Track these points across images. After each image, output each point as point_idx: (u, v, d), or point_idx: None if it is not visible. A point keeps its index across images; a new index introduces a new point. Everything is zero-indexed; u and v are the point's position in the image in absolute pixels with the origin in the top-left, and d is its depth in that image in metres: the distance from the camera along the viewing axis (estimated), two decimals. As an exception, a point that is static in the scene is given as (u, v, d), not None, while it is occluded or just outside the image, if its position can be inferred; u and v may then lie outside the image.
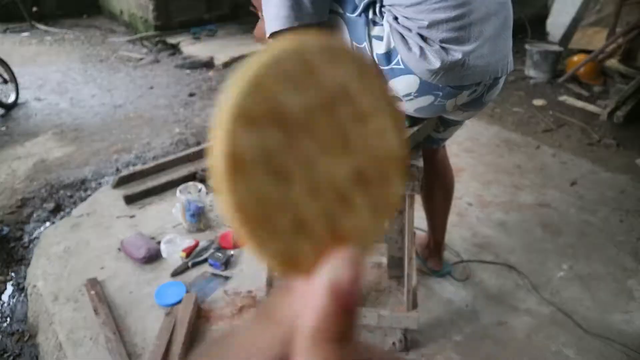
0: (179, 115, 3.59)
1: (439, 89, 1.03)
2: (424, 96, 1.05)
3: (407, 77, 1.01)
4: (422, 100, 1.06)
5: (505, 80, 1.17)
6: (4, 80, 3.79)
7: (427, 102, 1.06)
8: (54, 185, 2.60)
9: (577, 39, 4.64)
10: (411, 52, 0.98)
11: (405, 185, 1.18)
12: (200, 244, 1.93)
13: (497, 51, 1.05)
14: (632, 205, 2.28)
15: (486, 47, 1.02)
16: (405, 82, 1.02)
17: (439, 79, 1.00)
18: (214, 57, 4.95)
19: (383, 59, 1.02)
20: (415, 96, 1.05)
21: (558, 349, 1.50)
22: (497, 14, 1.04)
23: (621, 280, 1.80)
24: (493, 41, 1.03)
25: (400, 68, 1.01)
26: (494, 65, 1.05)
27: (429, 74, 0.99)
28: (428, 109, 1.09)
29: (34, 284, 1.80)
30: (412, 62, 0.99)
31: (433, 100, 1.05)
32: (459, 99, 1.08)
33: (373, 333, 1.53)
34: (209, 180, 0.21)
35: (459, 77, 1.02)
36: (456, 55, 0.98)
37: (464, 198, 2.31)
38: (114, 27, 6.84)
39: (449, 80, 1.01)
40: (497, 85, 1.14)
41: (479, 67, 1.02)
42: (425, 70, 0.99)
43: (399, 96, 1.06)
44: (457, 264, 1.86)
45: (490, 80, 1.08)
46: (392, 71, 1.02)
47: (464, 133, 3.07)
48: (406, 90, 1.04)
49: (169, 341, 1.44)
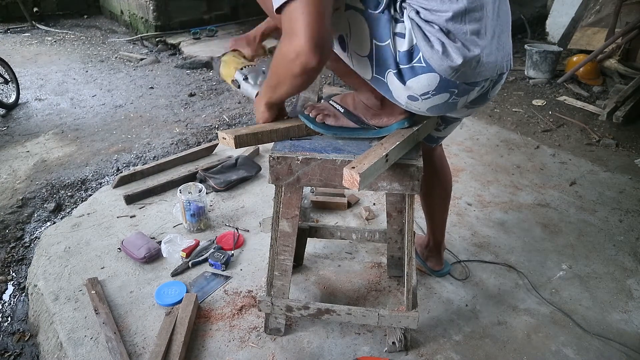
0: (179, 115, 3.60)
1: (456, 86, 1.03)
2: (441, 94, 1.04)
3: (428, 75, 1.00)
4: (438, 98, 1.05)
5: (505, 79, 1.19)
6: (5, 81, 3.80)
7: (442, 99, 1.06)
8: (55, 185, 2.60)
9: (576, 39, 4.64)
10: (433, 49, 0.97)
11: (405, 185, 1.18)
12: (200, 244, 1.94)
13: (502, 47, 1.07)
14: (632, 205, 2.29)
15: (494, 43, 1.04)
16: (426, 80, 1.01)
17: (458, 75, 1.00)
18: (214, 57, 4.95)
19: (405, 57, 1.00)
20: (433, 94, 1.04)
21: (557, 349, 1.50)
22: (502, 12, 1.06)
23: (620, 279, 1.81)
24: (499, 37, 1.05)
25: (422, 66, 1.00)
26: (500, 61, 1.07)
27: (450, 71, 0.99)
28: (441, 107, 1.09)
29: (34, 284, 1.81)
30: (435, 58, 0.98)
31: (448, 97, 1.05)
32: (470, 96, 1.09)
33: (373, 332, 1.54)
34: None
35: (475, 74, 1.02)
36: (475, 51, 0.98)
37: (463, 198, 2.32)
38: (114, 27, 6.85)
39: (466, 77, 1.02)
40: (500, 81, 1.15)
41: (490, 63, 1.03)
42: (447, 67, 0.98)
43: (416, 95, 1.05)
44: (456, 264, 1.86)
45: (496, 76, 1.10)
46: (412, 69, 1.01)
47: (464, 133, 3.07)
48: (425, 89, 1.03)
49: (169, 341, 1.44)
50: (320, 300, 1.68)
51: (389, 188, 1.19)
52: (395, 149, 1.10)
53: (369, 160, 1.02)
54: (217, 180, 2.38)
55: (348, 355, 1.46)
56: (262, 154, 2.76)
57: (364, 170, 0.98)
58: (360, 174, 0.97)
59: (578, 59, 4.09)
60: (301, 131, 1.25)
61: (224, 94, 4.07)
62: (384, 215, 2.13)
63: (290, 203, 1.30)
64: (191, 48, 5.35)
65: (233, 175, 2.42)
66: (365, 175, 0.98)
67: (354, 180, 0.98)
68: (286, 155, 1.18)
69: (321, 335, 1.53)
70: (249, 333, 1.54)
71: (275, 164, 1.19)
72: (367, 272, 1.82)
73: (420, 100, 1.06)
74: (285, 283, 1.43)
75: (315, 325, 1.57)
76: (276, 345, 1.50)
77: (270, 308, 1.45)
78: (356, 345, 1.50)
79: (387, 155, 1.07)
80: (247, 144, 1.16)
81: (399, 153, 1.14)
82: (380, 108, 1.21)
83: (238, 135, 1.13)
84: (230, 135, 1.13)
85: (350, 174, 0.98)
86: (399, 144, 1.11)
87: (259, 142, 1.18)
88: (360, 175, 0.97)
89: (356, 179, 0.97)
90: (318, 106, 1.27)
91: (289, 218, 1.32)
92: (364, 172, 0.98)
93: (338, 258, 1.90)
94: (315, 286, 1.75)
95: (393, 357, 1.45)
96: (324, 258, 1.90)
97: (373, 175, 1.03)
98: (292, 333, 1.54)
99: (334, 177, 1.19)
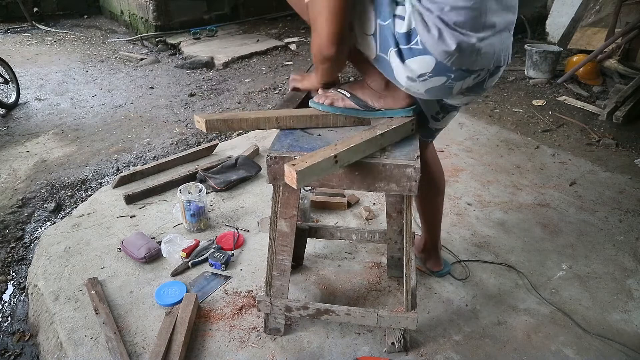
0: (179, 115, 3.60)
1: (452, 71, 1.09)
2: (437, 77, 1.11)
3: (424, 57, 1.08)
4: (435, 80, 1.12)
5: (504, 77, 1.22)
6: (5, 81, 3.80)
7: (439, 82, 1.13)
8: (55, 185, 2.61)
9: (576, 39, 4.64)
10: (430, 33, 1.04)
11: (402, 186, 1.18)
12: (200, 244, 1.94)
13: (502, 43, 1.14)
14: (631, 205, 2.29)
15: (495, 38, 1.11)
16: (422, 62, 1.08)
17: (453, 60, 1.07)
18: (214, 57, 4.96)
19: (403, 38, 1.08)
20: (430, 76, 1.11)
21: (557, 349, 1.50)
22: (508, 11, 1.13)
23: (620, 279, 1.81)
24: (500, 34, 1.12)
25: (419, 48, 1.07)
26: (499, 54, 1.14)
27: (445, 55, 1.06)
28: (438, 90, 1.16)
29: (34, 284, 1.81)
30: (430, 42, 1.05)
31: (445, 81, 1.12)
32: (466, 82, 1.15)
33: (373, 332, 1.54)
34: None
35: (471, 62, 1.09)
36: (471, 40, 1.05)
37: (463, 198, 2.32)
38: (114, 27, 6.85)
39: (462, 63, 1.08)
40: (497, 73, 1.22)
41: (488, 54, 1.10)
42: (442, 52, 1.05)
43: (414, 77, 1.12)
44: (456, 264, 1.86)
45: (493, 68, 1.16)
46: (410, 50, 1.08)
47: (464, 133, 3.07)
48: (422, 70, 1.10)
49: (169, 341, 1.44)
50: (320, 300, 1.68)
51: (386, 189, 1.19)
52: (349, 151, 1.10)
53: (312, 160, 1.03)
54: (217, 180, 2.38)
55: (348, 355, 1.46)
56: (262, 154, 2.76)
57: (302, 169, 0.99)
58: (297, 171, 0.98)
59: (578, 59, 4.09)
60: (271, 123, 1.28)
61: (224, 94, 4.07)
62: (384, 215, 2.13)
63: (288, 203, 1.30)
64: (191, 48, 5.35)
65: (233, 175, 2.42)
66: (304, 174, 0.99)
67: (292, 177, 0.99)
68: (284, 155, 1.18)
69: (321, 335, 1.53)
70: (249, 333, 1.54)
71: (272, 164, 1.19)
72: (367, 273, 1.82)
73: (418, 82, 1.13)
74: (284, 283, 1.43)
75: (315, 325, 1.57)
76: (276, 345, 1.50)
77: (269, 308, 1.45)
78: (356, 345, 1.50)
79: (337, 157, 1.06)
80: (217, 129, 1.25)
81: (355, 155, 1.13)
82: (385, 89, 1.29)
83: (209, 120, 1.21)
84: (202, 119, 1.20)
85: (289, 171, 1.00)
86: (353, 146, 1.10)
87: (229, 129, 1.26)
88: (298, 173, 0.98)
89: (294, 176, 0.98)
90: (327, 94, 1.33)
91: (287, 218, 1.32)
92: (302, 170, 0.99)
93: (338, 258, 1.90)
94: (315, 286, 1.75)
95: (393, 358, 1.45)
96: (324, 258, 1.90)
97: (316, 174, 1.04)
98: (292, 333, 1.54)
99: (330, 177, 1.19)
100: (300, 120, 1.30)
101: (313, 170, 1.02)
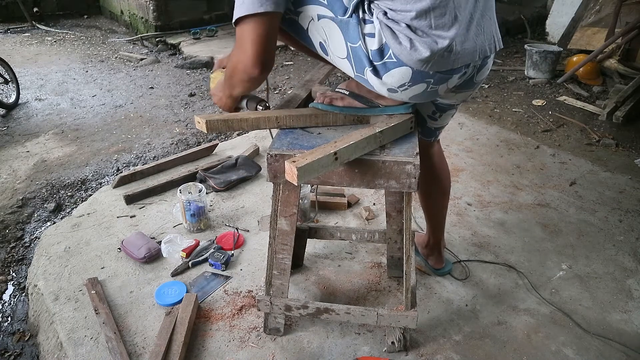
0: (179, 115, 3.60)
1: (430, 76, 1.09)
2: (417, 84, 1.11)
3: (400, 69, 1.08)
4: (416, 88, 1.13)
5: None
6: (5, 81, 3.80)
7: (420, 89, 1.13)
8: (55, 185, 2.61)
9: (576, 39, 4.64)
10: (402, 45, 1.04)
11: (402, 182, 1.18)
12: (200, 244, 1.94)
13: (483, 32, 1.12)
14: (631, 205, 2.29)
15: (472, 29, 1.09)
16: (399, 73, 1.08)
17: (429, 66, 1.07)
18: (214, 57, 4.96)
19: (376, 54, 1.07)
20: (410, 85, 1.11)
21: (557, 349, 1.50)
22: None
23: (620, 279, 1.81)
24: (477, 23, 1.10)
25: (393, 61, 1.07)
26: (481, 45, 1.12)
27: (420, 64, 1.05)
28: (422, 95, 1.16)
29: (34, 284, 1.81)
30: (404, 54, 1.05)
31: (426, 87, 1.13)
32: (450, 83, 1.15)
33: (373, 332, 1.54)
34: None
35: (450, 62, 1.08)
36: (444, 42, 1.04)
37: (463, 198, 2.32)
38: (114, 27, 6.85)
39: (439, 66, 1.08)
40: (486, 65, 1.21)
41: (467, 49, 1.09)
42: (416, 61, 1.05)
43: (394, 88, 1.12)
44: (456, 264, 1.86)
45: (479, 61, 1.15)
46: (385, 65, 1.08)
47: (464, 133, 3.07)
48: (400, 82, 1.10)
49: (169, 341, 1.44)
50: (320, 300, 1.68)
51: (385, 186, 1.19)
52: (349, 148, 1.10)
53: (313, 156, 1.03)
54: (217, 180, 2.38)
55: (348, 355, 1.46)
56: (262, 154, 2.76)
57: (302, 165, 0.99)
58: (298, 168, 0.98)
59: (578, 59, 4.09)
60: (271, 123, 1.28)
61: (224, 94, 4.06)
62: (383, 215, 2.13)
63: (288, 201, 1.30)
64: (191, 48, 5.36)
65: (233, 175, 2.42)
66: (304, 170, 0.99)
67: (293, 174, 0.99)
68: (284, 153, 1.18)
69: (321, 335, 1.53)
70: (249, 333, 1.54)
71: (272, 162, 1.19)
72: (367, 272, 1.82)
73: (400, 92, 1.14)
74: (284, 282, 1.43)
75: (315, 325, 1.57)
76: (276, 345, 1.50)
77: (269, 307, 1.45)
78: (356, 345, 1.50)
79: (337, 154, 1.07)
80: (217, 129, 1.24)
81: (355, 152, 1.14)
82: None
83: (209, 120, 1.20)
84: (203, 120, 1.20)
85: (290, 167, 1.00)
86: (352, 143, 1.11)
87: (230, 129, 1.25)
88: (298, 169, 0.98)
89: (294, 172, 0.98)
90: (326, 94, 1.34)
91: (287, 216, 1.32)
92: (302, 166, 0.99)
93: (338, 258, 1.90)
94: (315, 286, 1.75)
95: (393, 357, 1.45)
96: (324, 258, 1.90)
97: (316, 171, 1.04)
98: (292, 333, 1.54)
99: (330, 175, 1.19)
100: (300, 119, 1.30)
101: (313, 166, 1.02)
